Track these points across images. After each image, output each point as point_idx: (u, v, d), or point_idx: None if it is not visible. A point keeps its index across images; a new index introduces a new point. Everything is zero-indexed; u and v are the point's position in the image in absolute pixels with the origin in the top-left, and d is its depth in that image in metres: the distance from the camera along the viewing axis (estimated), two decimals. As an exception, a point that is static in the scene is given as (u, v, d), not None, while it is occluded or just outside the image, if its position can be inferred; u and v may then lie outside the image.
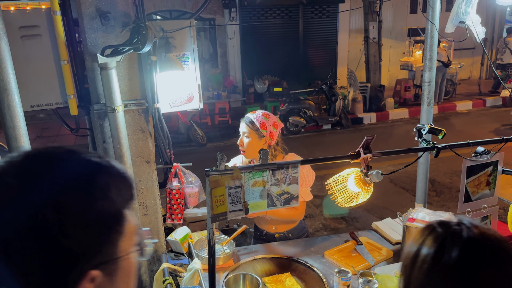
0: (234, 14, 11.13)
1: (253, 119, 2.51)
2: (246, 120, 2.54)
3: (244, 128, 2.53)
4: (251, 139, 2.51)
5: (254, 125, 2.49)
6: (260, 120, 2.49)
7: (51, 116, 9.59)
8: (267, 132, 2.49)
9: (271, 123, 2.52)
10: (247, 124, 2.52)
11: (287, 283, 2.18)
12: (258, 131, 2.49)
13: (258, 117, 2.51)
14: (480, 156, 1.90)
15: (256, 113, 2.55)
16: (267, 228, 2.75)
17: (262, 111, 2.61)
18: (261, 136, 2.50)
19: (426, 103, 3.15)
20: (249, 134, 2.51)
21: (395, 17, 12.75)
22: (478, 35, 2.85)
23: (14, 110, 2.09)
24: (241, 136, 2.56)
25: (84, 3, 2.22)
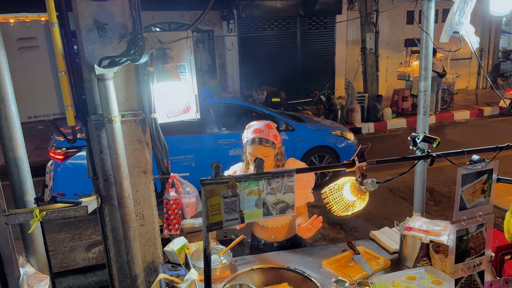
0: (232, 26, 11.23)
1: (267, 138, 2.46)
2: (259, 141, 2.45)
3: (261, 150, 2.45)
4: (269, 155, 2.49)
5: (269, 142, 2.46)
6: (272, 134, 2.48)
7: (50, 127, 9.60)
8: (278, 140, 2.52)
9: (275, 130, 2.54)
10: (263, 145, 2.45)
11: None
12: (274, 145, 2.49)
13: (269, 133, 2.47)
14: (475, 164, 1.90)
15: (262, 130, 2.47)
16: (266, 237, 2.74)
17: (261, 123, 2.55)
18: (275, 147, 2.51)
19: (422, 113, 3.18)
20: (268, 152, 2.47)
21: (392, 28, 12.87)
22: (473, 45, 2.88)
23: (11, 121, 2.10)
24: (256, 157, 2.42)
25: (81, 15, 2.24)
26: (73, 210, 2.17)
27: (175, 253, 2.53)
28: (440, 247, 2.36)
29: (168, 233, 2.79)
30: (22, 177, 2.19)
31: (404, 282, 2.19)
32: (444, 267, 2.24)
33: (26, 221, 2.08)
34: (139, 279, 2.48)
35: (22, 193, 2.21)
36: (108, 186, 2.49)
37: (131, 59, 2.18)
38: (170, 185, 2.72)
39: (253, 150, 2.47)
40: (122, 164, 2.31)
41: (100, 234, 5.21)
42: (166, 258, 2.68)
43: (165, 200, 2.72)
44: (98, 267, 3.81)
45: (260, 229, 2.75)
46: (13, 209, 2.11)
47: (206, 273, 1.66)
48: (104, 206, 2.54)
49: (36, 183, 2.28)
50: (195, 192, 2.83)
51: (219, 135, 6.23)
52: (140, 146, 2.51)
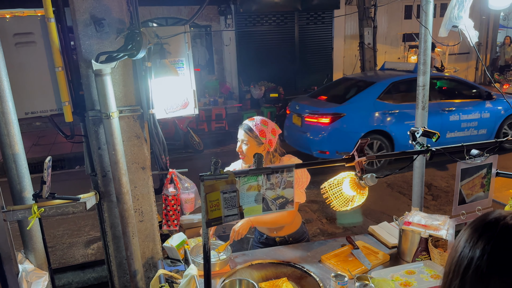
0: (230, 21, 11.19)
1: (251, 127, 2.50)
2: (244, 127, 2.53)
3: (243, 136, 2.52)
4: (250, 146, 2.50)
5: (253, 132, 2.48)
6: (259, 128, 2.49)
7: (48, 124, 9.57)
8: (266, 140, 2.49)
9: (269, 130, 2.52)
10: (245, 131, 2.51)
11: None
12: (257, 138, 2.48)
13: (257, 125, 2.50)
14: (474, 159, 1.90)
15: (254, 120, 2.54)
16: (268, 232, 2.74)
17: (261, 117, 2.59)
18: (260, 143, 2.49)
19: (420, 107, 3.17)
20: (248, 141, 2.50)
21: (390, 23, 12.84)
22: (471, 39, 2.87)
23: (8, 117, 2.09)
24: (240, 143, 2.55)
25: (78, 10, 2.22)
26: (71, 206, 2.16)
27: (174, 249, 2.52)
28: (439, 242, 2.36)
29: (167, 229, 2.79)
30: (20, 173, 2.18)
31: (403, 276, 2.20)
32: (443, 261, 2.25)
33: (25, 218, 2.08)
34: (138, 275, 2.48)
35: (20, 190, 2.20)
36: (107, 182, 2.48)
37: (129, 54, 2.17)
38: (169, 181, 2.71)
39: (238, 135, 2.56)
40: (120, 160, 2.30)
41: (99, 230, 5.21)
42: (165, 254, 2.68)
43: (164, 196, 2.72)
44: (97, 263, 3.82)
45: None
46: (11, 206, 2.10)
47: (206, 269, 1.66)
48: (102, 202, 2.54)
49: (34, 179, 2.27)
50: (193, 188, 2.83)
51: (443, 103, 7.34)
52: (138, 142, 2.50)
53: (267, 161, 2.57)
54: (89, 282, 3.74)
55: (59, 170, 7.78)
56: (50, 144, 8.90)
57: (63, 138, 2.63)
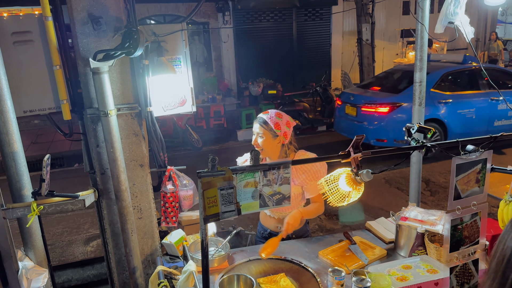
0: (228, 18, 11.18)
1: (266, 119, 2.53)
2: (259, 120, 2.56)
3: (258, 129, 2.55)
4: (265, 138, 2.53)
5: (268, 125, 2.51)
6: (274, 120, 2.51)
7: (46, 122, 9.57)
8: (281, 132, 2.52)
9: (284, 123, 2.55)
10: (260, 124, 2.54)
11: (282, 283, 2.20)
12: (272, 131, 2.51)
13: (272, 117, 2.53)
14: (469, 154, 1.92)
15: (269, 113, 2.57)
16: (272, 226, 2.76)
17: (275, 110, 2.61)
18: (275, 135, 2.52)
19: (417, 103, 3.19)
20: (263, 134, 2.53)
21: (388, 19, 12.84)
22: (467, 35, 2.88)
23: (7, 115, 2.10)
24: (255, 136, 2.58)
25: (76, 9, 2.23)
26: (70, 204, 2.18)
27: (173, 246, 2.54)
28: (435, 236, 2.39)
29: (165, 226, 2.81)
30: (19, 171, 2.19)
31: (399, 271, 2.22)
32: (439, 256, 2.27)
33: (24, 215, 2.09)
34: (137, 271, 2.50)
35: (19, 188, 2.22)
36: (105, 180, 2.49)
37: (126, 52, 2.17)
38: (167, 178, 2.73)
39: (253, 127, 2.58)
40: (118, 157, 2.31)
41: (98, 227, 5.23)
42: (164, 251, 2.70)
43: (162, 193, 2.74)
44: (96, 261, 3.84)
45: (267, 218, 2.76)
46: (11, 204, 2.12)
47: (204, 265, 1.68)
48: (101, 200, 2.55)
49: (33, 177, 2.28)
50: (192, 185, 2.85)
51: (491, 93, 7.60)
52: (136, 140, 2.51)
53: (282, 153, 2.59)
54: (89, 279, 3.76)
55: (58, 168, 7.79)
56: (49, 142, 8.91)
57: (62, 136, 2.65)
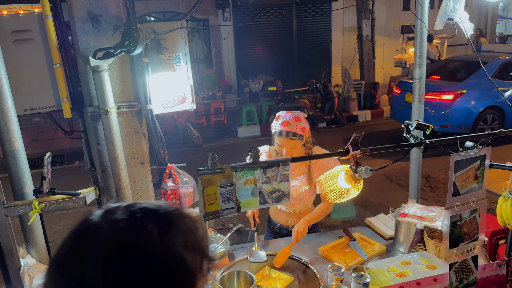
0: (227, 14, 11.15)
1: (294, 131, 2.44)
2: (286, 134, 2.44)
3: (288, 143, 2.45)
4: (297, 146, 2.48)
5: (297, 135, 2.44)
6: (300, 127, 2.45)
7: (46, 120, 9.57)
8: (306, 132, 2.49)
9: (304, 121, 2.50)
10: (290, 138, 2.44)
11: (273, 275, 2.22)
12: (301, 137, 2.47)
13: (297, 126, 2.45)
14: (468, 151, 1.93)
15: (290, 123, 2.44)
16: (282, 221, 2.75)
17: (290, 115, 2.50)
18: (302, 138, 2.49)
19: (417, 100, 3.20)
20: (295, 144, 2.46)
21: (388, 15, 12.80)
22: (467, 31, 2.89)
23: (8, 114, 2.11)
24: (286, 149, 2.47)
25: (75, 7, 2.24)
26: (71, 202, 2.19)
27: (174, 242, 2.56)
28: (435, 233, 2.40)
29: (166, 223, 2.82)
30: (20, 169, 2.21)
31: (399, 267, 2.23)
32: (438, 252, 2.28)
33: (25, 213, 2.11)
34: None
35: (21, 186, 2.23)
36: (106, 177, 2.51)
37: (126, 51, 2.18)
38: (168, 176, 2.74)
39: (281, 142, 2.47)
40: (119, 155, 2.33)
41: (99, 224, 5.25)
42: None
43: (163, 190, 2.75)
44: (98, 258, 3.85)
45: (278, 212, 2.76)
46: (12, 201, 2.13)
47: (204, 261, 1.69)
48: (102, 197, 2.57)
49: (34, 175, 2.29)
50: (192, 182, 2.85)
51: None
52: (136, 137, 2.52)
53: (303, 151, 2.56)
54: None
55: (59, 166, 7.80)
56: (49, 140, 8.91)
57: (62, 134, 2.66)
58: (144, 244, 0.65)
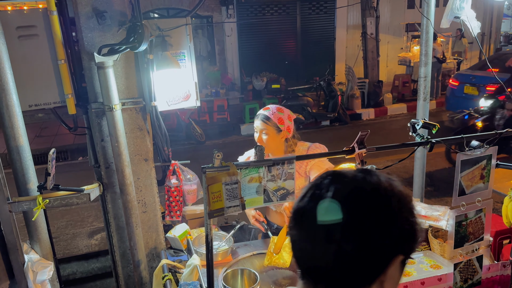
0: (231, 11, 11.12)
1: (269, 115, 2.51)
2: (262, 117, 2.53)
3: (261, 126, 2.53)
4: (270, 135, 2.51)
5: (271, 121, 2.50)
6: (277, 116, 2.50)
7: (50, 115, 9.58)
8: (284, 126, 2.51)
9: (286, 117, 2.54)
10: (263, 121, 2.52)
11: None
12: (276, 126, 2.50)
13: (274, 113, 2.52)
14: (474, 150, 1.92)
15: (270, 109, 2.55)
16: (279, 221, 2.75)
17: (275, 105, 2.60)
18: (279, 130, 2.51)
19: (422, 98, 3.18)
20: (267, 130, 2.51)
21: (393, 13, 12.74)
22: (473, 30, 2.87)
23: (12, 109, 2.11)
24: (258, 134, 2.56)
25: (80, 3, 2.23)
26: (75, 198, 2.19)
27: (177, 239, 2.56)
28: (439, 232, 2.39)
29: (169, 220, 2.82)
30: (25, 165, 2.21)
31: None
32: (442, 252, 2.27)
33: (30, 209, 2.11)
34: (142, 264, 2.52)
35: (25, 181, 2.23)
36: (110, 174, 2.51)
37: (131, 47, 2.18)
38: (171, 173, 2.74)
39: (255, 124, 2.55)
40: (123, 152, 2.32)
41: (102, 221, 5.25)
42: (168, 244, 2.72)
43: (167, 187, 2.75)
44: (101, 254, 3.86)
45: (274, 214, 2.76)
46: (17, 197, 2.13)
47: (208, 258, 1.69)
48: (106, 194, 2.56)
49: (37, 170, 2.29)
50: (196, 179, 2.85)
51: None
52: (141, 134, 2.52)
53: (286, 148, 2.58)
54: (93, 272, 3.79)
55: (62, 162, 7.82)
56: (53, 136, 8.93)
57: (66, 130, 2.66)
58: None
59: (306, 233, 0.80)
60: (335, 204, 0.77)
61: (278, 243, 2.34)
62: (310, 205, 0.81)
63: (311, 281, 0.82)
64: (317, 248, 0.78)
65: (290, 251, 2.20)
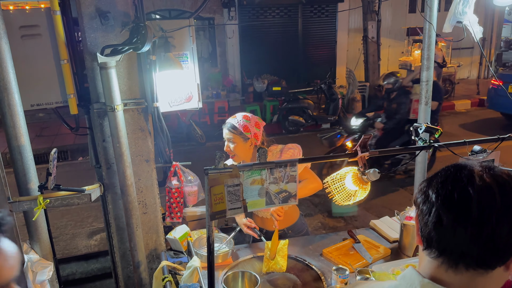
0: (233, 13, 11.14)
1: (234, 124, 2.53)
2: (228, 126, 2.55)
3: (228, 135, 2.55)
4: (237, 143, 2.53)
5: (237, 129, 2.51)
6: (242, 124, 2.52)
7: (51, 115, 9.58)
8: (251, 134, 2.52)
9: (253, 124, 2.55)
10: (229, 130, 2.53)
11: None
12: (242, 134, 2.51)
13: (239, 121, 2.53)
14: (476, 155, 1.91)
15: (236, 118, 2.57)
16: (267, 226, 2.76)
17: (242, 113, 2.61)
18: (246, 139, 2.52)
19: (423, 103, 3.17)
20: (233, 139, 2.53)
21: (394, 17, 12.76)
22: (476, 34, 2.86)
23: (15, 109, 2.11)
24: (226, 143, 2.58)
25: (84, 3, 2.23)
26: (76, 198, 2.19)
27: (177, 241, 2.55)
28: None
29: (170, 221, 2.82)
30: (26, 165, 2.20)
31: (403, 270, 2.22)
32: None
33: (30, 209, 2.10)
34: (141, 266, 2.51)
35: (26, 181, 2.22)
36: (111, 174, 2.50)
37: (134, 48, 2.18)
38: (172, 174, 2.74)
39: (223, 133, 2.58)
40: (124, 152, 2.32)
41: (101, 221, 5.24)
42: (168, 246, 2.71)
43: (167, 188, 2.74)
44: (100, 254, 3.86)
45: (260, 220, 2.77)
46: (17, 197, 2.13)
47: (209, 261, 1.68)
48: (107, 194, 2.56)
49: (38, 170, 2.29)
50: (197, 181, 2.85)
51: None
52: (142, 135, 2.52)
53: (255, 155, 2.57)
54: (93, 273, 3.78)
55: (62, 161, 7.82)
56: (53, 136, 8.93)
57: (66, 130, 2.66)
58: None
59: (461, 218, 0.87)
60: (492, 190, 0.86)
61: (272, 248, 2.34)
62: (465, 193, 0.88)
63: (452, 261, 0.89)
64: (470, 231, 0.85)
65: (284, 255, 2.20)
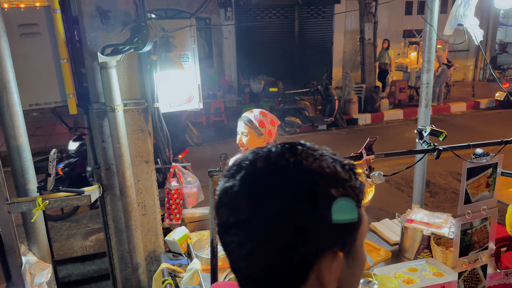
0: (230, 14, 11.12)
1: (251, 118, 2.51)
2: (244, 119, 2.53)
3: (243, 128, 2.52)
4: (250, 137, 2.51)
5: (253, 124, 2.50)
6: (259, 119, 2.50)
7: (45, 114, 9.50)
8: (265, 130, 2.50)
9: (269, 121, 2.53)
10: (245, 123, 2.52)
11: None
12: (257, 129, 2.49)
13: (256, 116, 2.52)
14: (480, 158, 1.91)
15: (253, 112, 2.55)
16: None
17: (259, 109, 2.60)
18: (260, 134, 2.50)
19: (424, 105, 3.17)
20: (248, 133, 2.51)
21: (391, 19, 12.81)
22: (476, 37, 2.87)
23: (13, 108, 2.07)
24: (240, 136, 2.56)
25: (84, 2, 2.20)
26: (76, 199, 2.15)
27: (176, 243, 2.53)
28: (441, 239, 2.38)
29: (169, 223, 2.79)
30: (24, 165, 2.17)
31: (405, 273, 2.21)
32: (445, 259, 2.26)
33: (29, 210, 2.07)
34: (140, 268, 2.48)
35: (24, 182, 2.19)
36: (110, 175, 2.47)
37: (135, 47, 2.15)
38: (172, 175, 2.71)
39: (238, 126, 2.55)
40: (124, 153, 2.29)
41: (97, 222, 5.19)
42: (167, 248, 2.69)
43: (167, 190, 2.72)
44: (97, 256, 3.82)
45: None
46: (16, 198, 2.09)
47: (213, 264, 1.66)
48: (105, 195, 2.53)
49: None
50: (196, 182, 2.82)
51: None
52: (142, 136, 2.49)
53: None
54: (89, 275, 3.75)
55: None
56: (47, 135, 8.85)
57: (61, 129, 2.62)
58: None
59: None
60: None
61: None
62: None
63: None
64: None
65: None
